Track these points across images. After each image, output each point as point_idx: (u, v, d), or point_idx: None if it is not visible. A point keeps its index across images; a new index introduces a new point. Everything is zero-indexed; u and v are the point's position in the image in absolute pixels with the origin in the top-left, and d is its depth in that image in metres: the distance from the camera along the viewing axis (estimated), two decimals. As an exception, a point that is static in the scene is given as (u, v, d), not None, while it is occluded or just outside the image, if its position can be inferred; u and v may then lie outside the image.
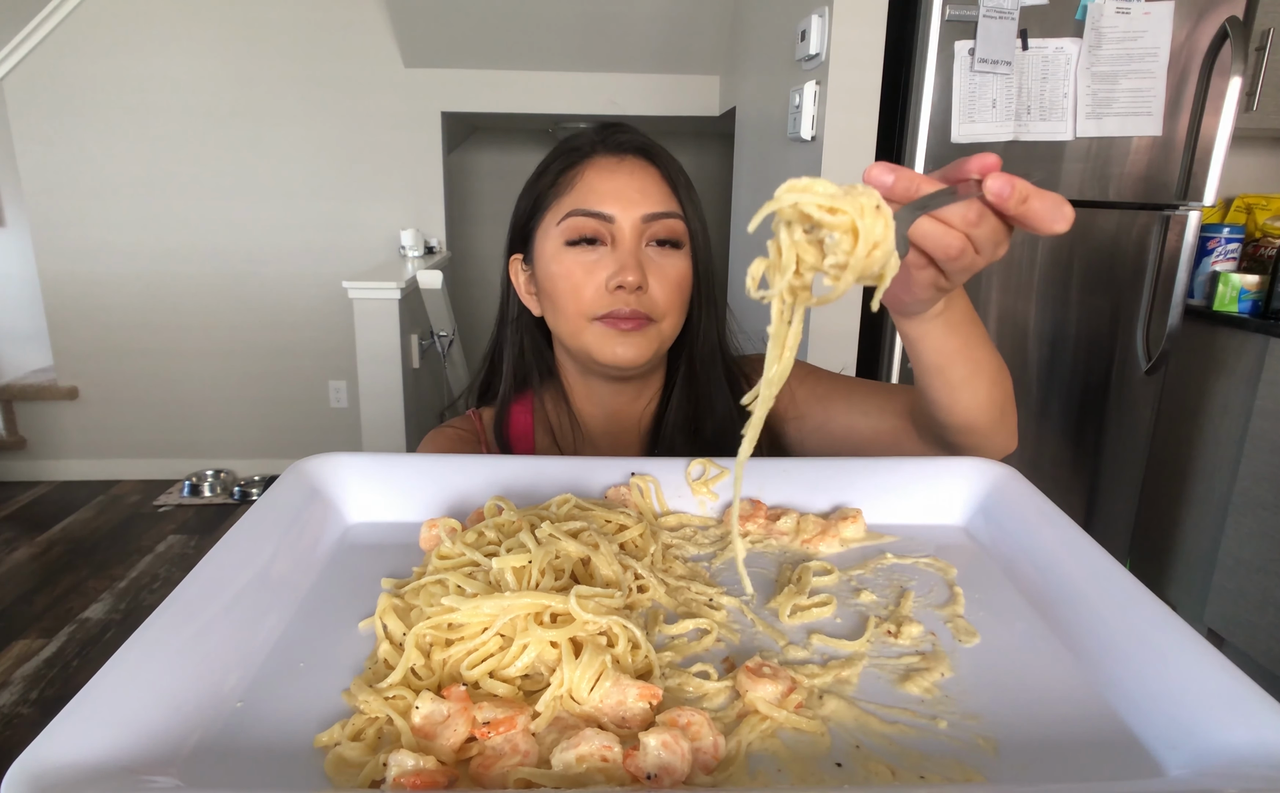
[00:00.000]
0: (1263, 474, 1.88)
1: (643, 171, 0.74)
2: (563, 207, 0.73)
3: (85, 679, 0.33)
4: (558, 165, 0.76)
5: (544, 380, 0.84)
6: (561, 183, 0.75)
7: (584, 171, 0.74)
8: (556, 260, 0.73)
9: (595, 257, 0.72)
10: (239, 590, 0.43)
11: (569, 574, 0.45)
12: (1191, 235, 1.72)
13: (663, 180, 0.75)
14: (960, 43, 1.56)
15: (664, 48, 2.86)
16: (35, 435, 3.25)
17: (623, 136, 0.76)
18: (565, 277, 0.73)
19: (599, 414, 0.83)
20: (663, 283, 0.73)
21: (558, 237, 0.73)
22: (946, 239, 0.44)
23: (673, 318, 0.75)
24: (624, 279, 0.70)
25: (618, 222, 0.72)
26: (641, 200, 0.72)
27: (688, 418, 0.81)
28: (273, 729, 0.36)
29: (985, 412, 0.59)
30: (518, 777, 0.32)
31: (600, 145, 0.75)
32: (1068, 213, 0.43)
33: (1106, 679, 0.40)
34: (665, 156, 0.77)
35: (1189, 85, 1.64)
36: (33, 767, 0.29)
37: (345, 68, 3.00)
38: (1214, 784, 0.32)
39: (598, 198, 0.72)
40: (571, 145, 0.77)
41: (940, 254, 0.45)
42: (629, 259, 0.71)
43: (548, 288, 0.75)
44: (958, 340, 0.55)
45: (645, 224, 0.72)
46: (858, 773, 0.34)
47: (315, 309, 3.22)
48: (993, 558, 0.54)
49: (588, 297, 0.72)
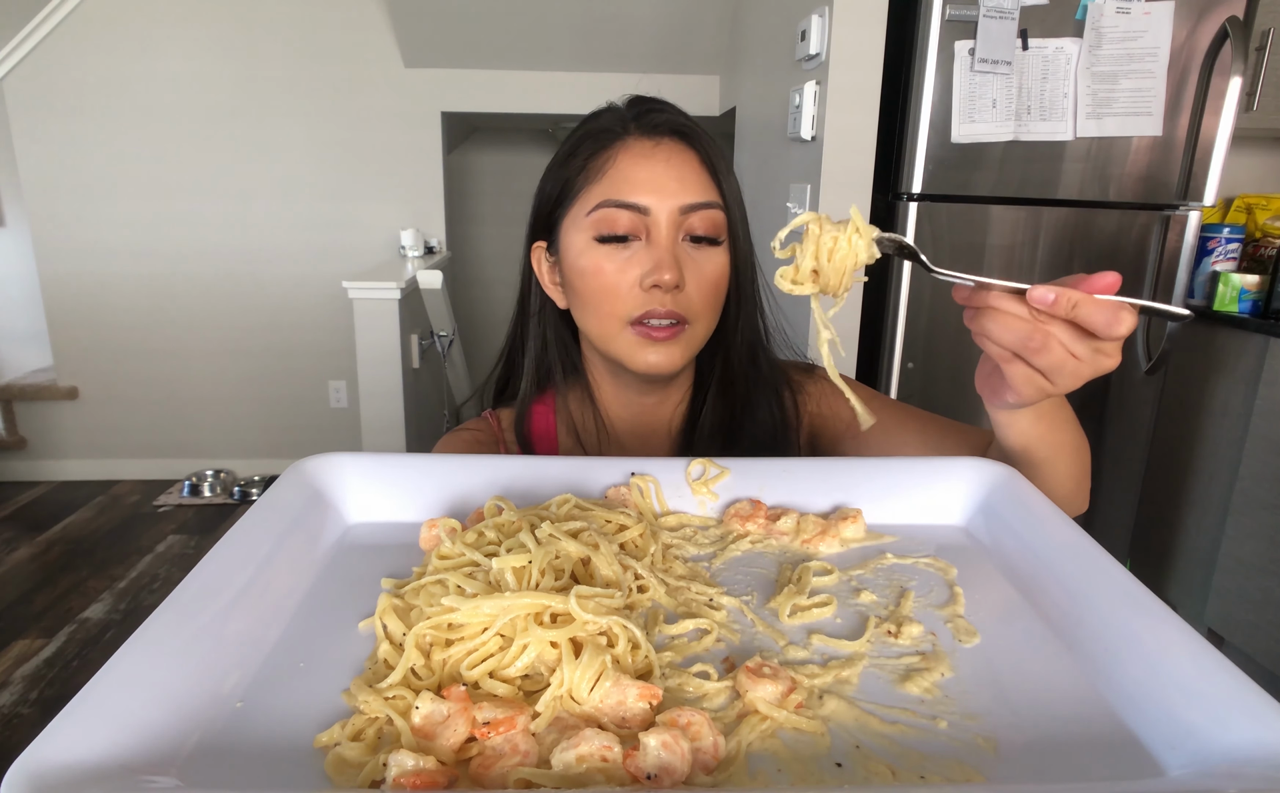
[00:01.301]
0: (1263, 474, 1.88)
1: (680, 156, 0.68)
2: (593, 196, 0.68)
3: (85, 679, 0.33)
4: (587, 148, 0.70)
5: (568, 378, 0.78)
6: (591, 169, 0.69)
7: (616, 157, 0.68)
8: (586, 256, 0.68)
9: (628, 253, 0.67)
10: (239, 590, 0.43)
11: (569, 574, 0.45)
12: (1191, 235, 1.72)
13: (702, 165, 0.69)
14: (960, 43, 1.56)
15: (664, 48, 2.86)
16: (35, 435, 3.26)
17: (658, 116, 0.69)
18: (596, 274, 0.68)
19: (627, 416, 0.78)
20: (699, 281, 0.68)
21: (588, 229, 0.68)
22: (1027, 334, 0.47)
23: (707, 318, 0.71)
24: (660, 278, 0.65)
25: (653, 213, 0.66)
26: (679, 190, 0.67)
27: (723, 423, 0.76)
28: (273, 729, 0.36)
29: (1063, 488, 0.61)
30: (518, 777, 0.32)
31: (634, 126, 0.69)
32: (1126, 319, 0.45)
33: (1106, 679, 0.40)
34: (704, 137, 0.70)
35: (1189, 85, 1.64)
36: (33, 767, 0.29)
37: (345, 68, 3.00)
38: (1214, 784, 0.32)
39: (631, 187, 0.66)
40: (601, 126, 0.70)
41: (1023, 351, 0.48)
42: (665, 256, 0.66)
43: (576, 285, 0.70)
44: (1044, 426, 0.57)
45: (683, 216, 0.67)
46: (858, 773, 0.34)
47: (315, 309, 3.22)
48: (993, 558, 0.54)
49: (621, 297, 0.67)
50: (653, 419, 0.78)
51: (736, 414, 0.76)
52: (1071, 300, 0.45)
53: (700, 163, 0.69)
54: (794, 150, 1.89)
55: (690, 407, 0.79)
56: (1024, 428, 0.57)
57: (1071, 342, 0.47)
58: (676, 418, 0.79)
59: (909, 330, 1.72)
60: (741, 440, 0.75)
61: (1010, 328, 0.47)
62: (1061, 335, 0.47)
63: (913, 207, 1.65)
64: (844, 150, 1.68)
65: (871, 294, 1.78)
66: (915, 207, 1.65)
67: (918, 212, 1.66)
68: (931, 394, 1.76)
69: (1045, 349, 0.47)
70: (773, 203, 2.10)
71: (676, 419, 0.79)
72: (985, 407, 0.58)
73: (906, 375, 1.74)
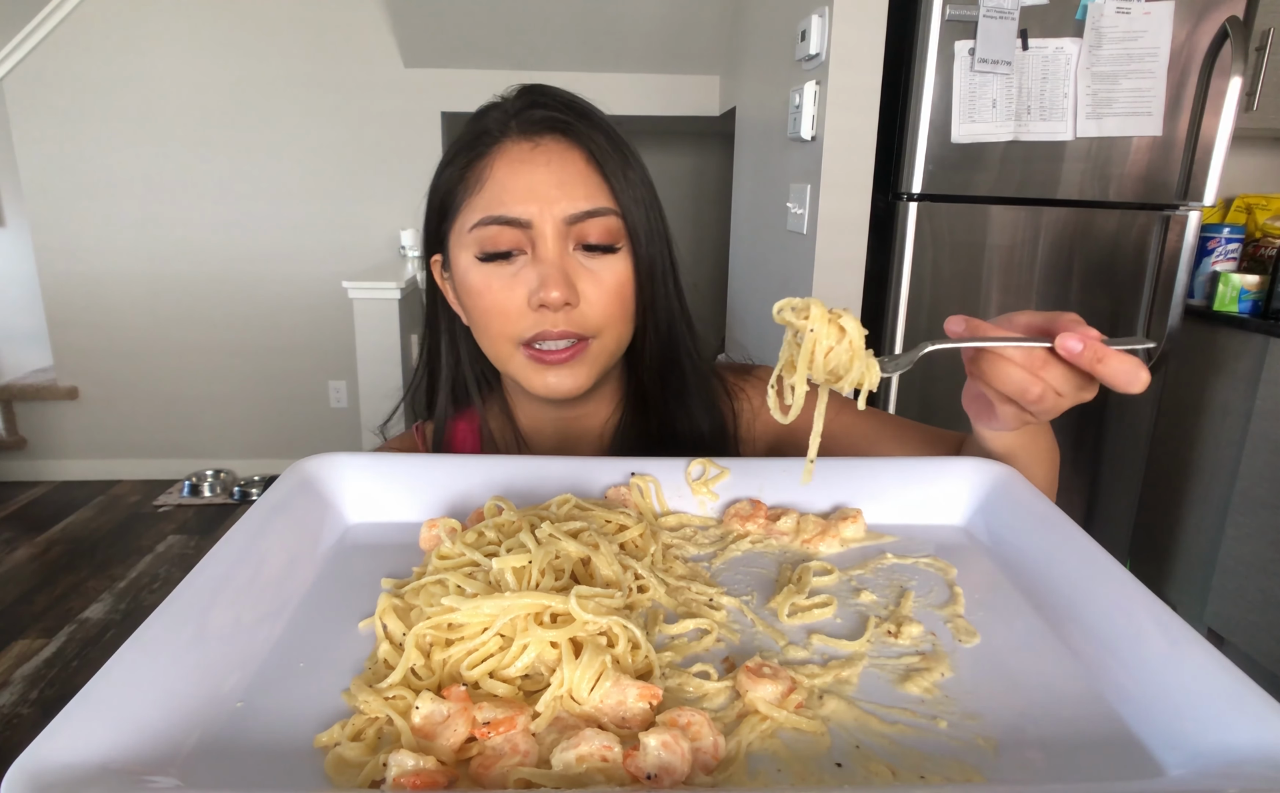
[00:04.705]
0: (1263, 474, 1.88)
1: (563, 157, 0.62)
2: (473, 210, 0.62)
3: (85, 679, 0.33)
4: (464, 156, 0.64)
5: (483, 393, 0.74)
6: (470, 179, 0.63)
7: (493, 164, 0.62)
8: (471, 275, 0.63)
9: (514, 269, 0.62)
10: (239, 590, 0.43)
11: (569, 574, 0.45)
12: (1191, 235, 1.72)
13: (590, 165, 0.62)
14: (960, 43, 1.56)
15: (664, 48, 2.86)
16: (35, 435, 3.26)
17: (537, 113, 0.63)
18: (482, 295, 0.63)
19: (550, 430, 0.74)
20: (598, 293, 0.63)
21: (470, 247, 0.63)
22: (1025, 385, 0.48)
23: (615, 329, 0.65)
24: (547, 297, 0.60)
25: (536, 226, 0.61)
26: (562, 197, 0.61)
27: (643, 436, 0.71)
28: (273, 729, 0.36)
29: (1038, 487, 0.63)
30: (518, 777, 0.32)
31: (514, 125, 0.63)
32: (1144, 377, 0.46)
33: (1106, 679, 0.40)
34: (592, 129, 0.63)
35: (1189, 85, 1.64)
36: (33, 767, 0.29)
37: (345, 68, 3.00)
38: (1214, 784, 0.32)
39: (511, 198, 0.61)
40: (481, 128, 0.64)
41: (1020, 398, 0.49)
42: (552, 272, 0.60)
43: (466, 305, 0.66)
44: (1024, 437, 0.59)
45: (569, 225, 0.61)
46: (858, 773, 0.34)
47: (315, 309, 3.22)
48: (993, 558, 0.54)
49: (510, 318, 0.62)
50: (578, 431, 0.74)
51: (654, 428, 0.71)
52: (1098, 354, 0.46)
53: (587, 162, 0.62)
54: (794, 150, 1.89)
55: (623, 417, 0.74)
56: (1005, 440, 0.59)
57: (1061, 383, 0.48)
58: (608, 430, 0.74)
59: (908, 333, 1.72)
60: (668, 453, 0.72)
61: (1011, 378, 0.49)
62: (1055, 381, 0.48)
63: (913, 207, 1.65)
64: (844, 150, 1.68)
65: (871, 298, 1.78)
66: (915, 207, 1.65)
67: (917, 212, 1.66)
68: (931, 397, 1.77)
69: (1041, 398, 0.49)
70: (773, 203, 2.10)
71: (608, 431, 0.74)
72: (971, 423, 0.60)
73: (906, 379, 1.74)
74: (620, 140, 0.65)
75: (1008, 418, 0.53)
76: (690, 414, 0.72)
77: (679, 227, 3.68)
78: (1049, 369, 0.48)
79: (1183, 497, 2.16)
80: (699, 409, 0.72)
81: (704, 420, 0.72)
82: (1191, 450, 2.12)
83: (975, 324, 0.49)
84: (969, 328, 0.49)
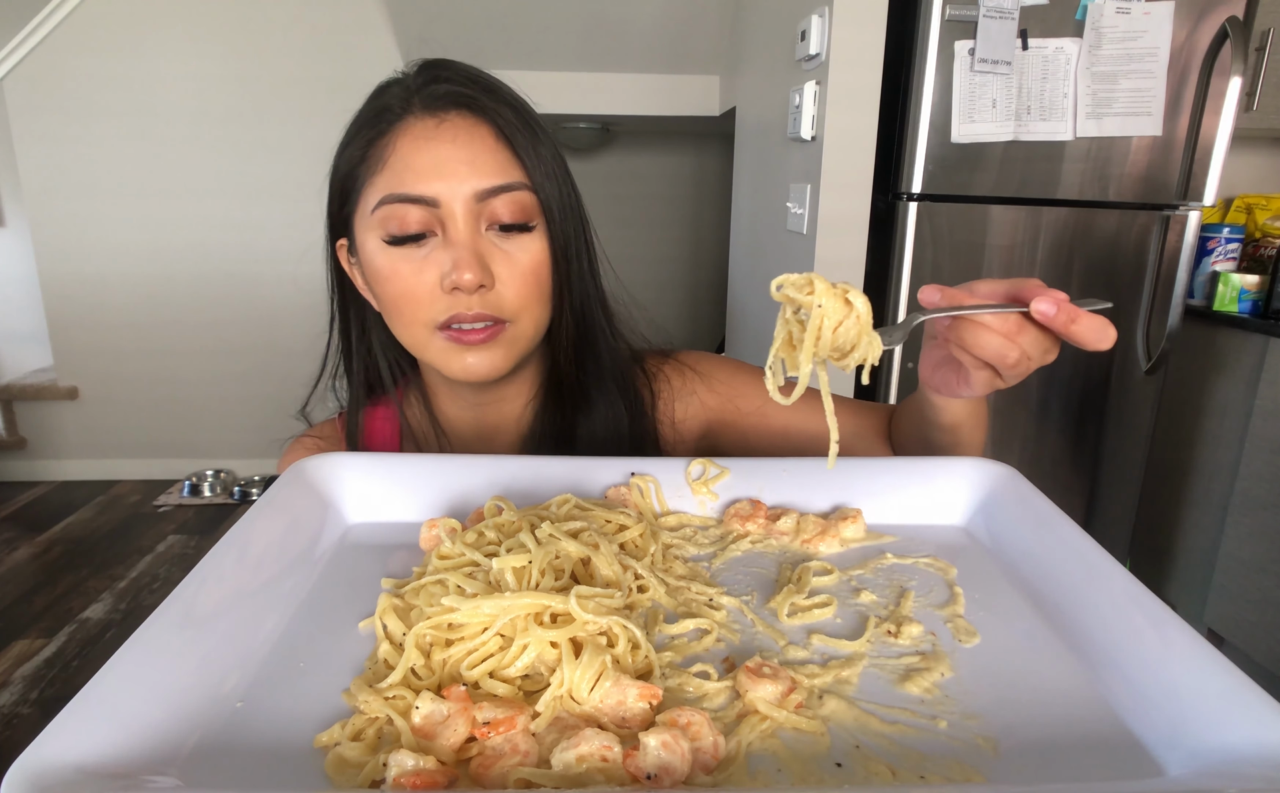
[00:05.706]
0: (1263, 474, 1.88)
1: (469, 132, 0.60)
2: (376, 189, 0.60)
3: (85, 679, 0.33)
4: (365, 134, 0.61)
5: (403, 380, 0.73)
6: (371, 158, 0.60)
7: (396, 141, 0.60)
8: (379, 258, 0.61)
9: (424, 251, 0.60)
10: (239, 590, 0.43)
11: (569, 574, 0.45)
12: (1191, 235, 1.72)
13: (499, 140, 0.60)
14: (960, 43, 1.56)
15: (664, 48, 2.86)
16: (35, 435, 3.26)
17: (440, 87, 0.61)
18: (391, 280, 0.60)
19: (468, 418, 0.72)
20: (513, 275, 0.61)
21: (376, 228, 0.60)
22: (1004, 350, 0.49)
23: (533, 311, 0.63)
24: (460, 279, 0.58)
25: (445, 205, 0.59)
26: (470, 174, 0.59)
27: (556, 425, 0.70)
28: (273, 729, 0.36)
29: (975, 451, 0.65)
30: (518, 777, 0.32)
31: (416, 101, 0.60)
32: (1112, 334, 0.47)
33: (1106, 679, 0.40)
34: (498, 103, 0.61)
35: (1189, 85, 1.64)
36: (33, 767, 0.29)
37: (345, 68, 3.00)
38: (1214, 784, 0.32)
39: (415, 176, 0.58)
40: (382, 104, 0.62)
41: (998, 363, 0.50)
42: (464, 253, 0.58)
43: (376, 291, 0.63)
44: (974, 402, 0.61)
45: (480, 203, 0.59)
46: (858, 773, 0.34)
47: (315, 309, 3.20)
48: (993, 558, 0.54)
49: (423, 302, 0.60)
50: (495, 420, 0.72)
51: (569, 415, 0.70)
52: (1070, 315, 0.47)
53: (496, 137, 0.60)
54: (794, 150, 1.89)
55: (542, 403, 0.73)
56: (962, 408, 0.61)
57: (1033, 346, 0.50)
58: (525, 419, 0.73)
59: (909, 330, 1.71)
60: (578, 441, 0.69)
61: (990, 345, 0.49)
62: (1028, 345, 0.49)
63: (912, 206, 1.65)
64: (844, 150, 1.68)
65: (870, 293, 1.78)
66: (915, 206, 1.65)
67: (917, 211, 1.66)
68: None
69: (1018, 363, 0.50)
70: (773, 203, 2.10)
71: (525, 420, 0.73)
72: (926, 392, 0.60)
73: (906, 375, 1.74)
74: (529, 114, 0.63)
75: (980, 383, 0.53)
76: (609, 400, 0.70)
77: (679, 226, 3.70)
78: (1024, 334, 0.49)
79: (1183, 497, 2.16)
80: (617, 395, 0.71)
81: (622, 405, 0.71)
82: (1191, 450, 2.12)
83: (950, 292, 0.50)
84: (945, 296, 0.50)
